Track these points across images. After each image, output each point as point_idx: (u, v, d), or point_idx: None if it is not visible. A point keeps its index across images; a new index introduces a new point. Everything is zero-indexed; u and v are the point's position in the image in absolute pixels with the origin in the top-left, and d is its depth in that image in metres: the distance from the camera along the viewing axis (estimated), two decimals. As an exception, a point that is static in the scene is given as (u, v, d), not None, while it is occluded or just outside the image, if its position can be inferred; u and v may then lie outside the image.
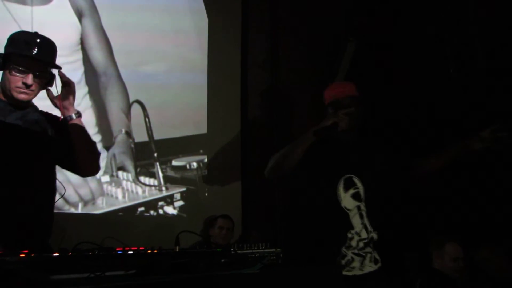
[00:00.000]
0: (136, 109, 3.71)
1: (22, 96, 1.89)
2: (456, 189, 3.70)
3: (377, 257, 2.35)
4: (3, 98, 1.94)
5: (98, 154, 2.13)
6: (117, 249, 1.31)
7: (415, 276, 3.06)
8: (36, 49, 1.87)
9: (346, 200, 2.34)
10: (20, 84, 1.87)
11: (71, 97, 2.01)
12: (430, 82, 3.96)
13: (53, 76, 1.99)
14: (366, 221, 2.35)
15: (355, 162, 2.39)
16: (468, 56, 3.81)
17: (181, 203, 3.72)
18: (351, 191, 2.35)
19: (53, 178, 2.02)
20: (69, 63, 3.42)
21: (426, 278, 2.82)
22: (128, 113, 3.69)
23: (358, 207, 2.35)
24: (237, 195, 3.95)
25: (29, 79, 1.87)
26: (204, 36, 4.08)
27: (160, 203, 3.66)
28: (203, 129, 3.95)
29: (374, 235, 2.36)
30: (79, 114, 2.05)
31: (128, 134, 3.67)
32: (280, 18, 4.38)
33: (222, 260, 1.35)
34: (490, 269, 3.11)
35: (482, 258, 3.19)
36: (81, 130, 2.03)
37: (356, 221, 2.33)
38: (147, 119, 3.72)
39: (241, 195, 3.96)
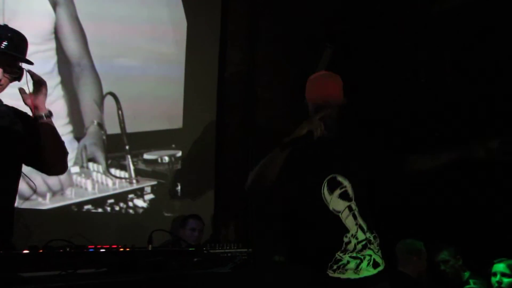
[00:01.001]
0: (109, 101, 3.62)
1: None
2: (420, 191, 3.78)
3: (379, 260, 2.09)
4: None
5: (66, 153, 2.06)
6: (89, 246, 1.28)
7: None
8: (5, 43, 1.79)
9: (334, 201, 2.08)
10: None
11: (42, 96, 1.94)
12: (401, 90, 4.04)
13: (23, 70, 1.90)
14: (360, 221, 2.09)
15: (339, 159, 2.16)
16: (438, 67, 3.92)
17: (151, 196, 3.67)
18: (338, 192, 2.10)
19: (17, 175, 1.93)
20: (41, 51, 3.31)
21: (392, 281, 2.78)
22: (101, 105, 3.60)
23: (350, 207, 2.09)
24: (209, 193, 3.92)
25: None
26: (181, 29, 4.02)
27: (130, 195, 3.60)
28: (176, 123, 3.90)
29: (371, 236, 2.11)
30: (50, 114, 1.98)
31: (100, 125, 3.58)
32: (258, 21, 4.36)
33: (195, 259, 1.34)
34: (448, 270, 3.24)
35: (441, 260, 3.31)
36: (51, 130, 1.96)
37: (350, 222, 2.07)
38: (120, 112, 3.64)
39: (214, 194, 3.91)
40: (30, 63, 1.90)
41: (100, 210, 3.47)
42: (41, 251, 1.27)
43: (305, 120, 2.07)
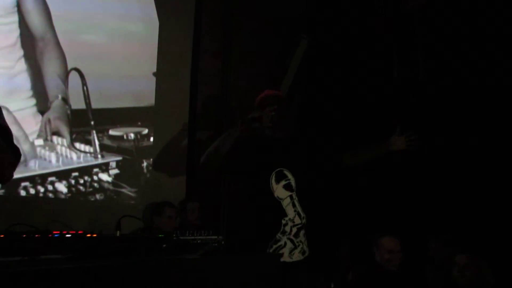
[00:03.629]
0: (74, 77, 3.39)
1: None
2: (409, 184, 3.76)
3: (306, 248, 2.39)
4: None
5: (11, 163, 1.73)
6: (54, 232, 1.17)
7: (347, 267, 3.05)
8: None
9: (278, 190, 2.36)
10: None
11: None
12: (375, 83, 4.00)
13: None
14: (298, 208, 2.38)
15: (284, 156, 2.41)
16: (410, 64, 3.89)
17: (116, 171, 3.51)
18: (283, 182, 2.36)
19: None
20: (3, 24, 3.07)
21: (362, 270, 2.79)
22: (65, 80, 3.38)
23: (291, 197, 2.37)
24: (180, 173, 3.78)
25: None
26: (150, 8, 3.78)
27: (95, 169, 3.43)
28: (142, 101, 3.71)
29: (305, 221, 2.39)
30: None
31: (65, 100, 3.37)
32: (233, 11, 4.16)
33: (164, 246, 1.25)
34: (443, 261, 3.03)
35: (434, 250, 3.19)
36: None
37: (289, 209, 2.35)
38: (85, 87, 3.43)
39: (186, 176, 3.77)
40: None
41: (64, 182, 3.30)
42: (2, 236, 1.14)
43: (257, 107, 2.41)
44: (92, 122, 3.45)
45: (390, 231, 2.87)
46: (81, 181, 3.37)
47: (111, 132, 3.55)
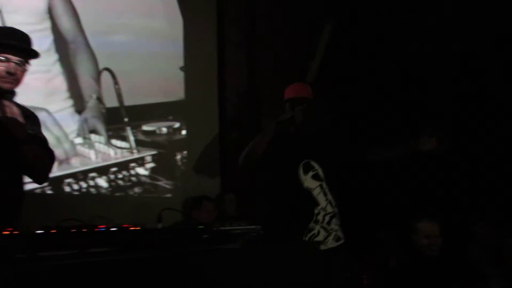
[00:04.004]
0: (106, 76, 3.48)
1: (7, 86, 1.80)
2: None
3: (341, 235, 2.42)
4: None
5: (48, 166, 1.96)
6: (100, 226, 1.22)
7: (390, 253, 2.96)
8: (14, 40, 1.80)
9: (308, 181, 2.41)
10: (3, 73, 1.77)
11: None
12: (405, 64, 3.84)
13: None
14: (330, 197, 2.42)
15: (313, 149, 2.47)
16: (443, 38, 3.69)
17: (152, 165, 3.61)
18: (311, 173, 2.41)
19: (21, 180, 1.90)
20: (38, 31, 3.15)
21: (403, 256, 2.71)
22: (98, 80, 3.47)
23: (321, 186, 2.42)
24: (214, 165, 3.82)
25: (12, 67, 1.78)
26: (173, 6, 3.82)
27: (132, 164, 3.53)
28: (172, 96, 3.77)
29: (336, 210, 2.42)
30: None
31: (99, 99, 3.47)
32: (257, 0, 4.12)
33: (204, 236, 1.28)
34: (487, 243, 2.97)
35: (480, 233, 3.09)
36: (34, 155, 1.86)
37: (320, 198, 2.40)
38: (116, 86, 3.51)
39: (220, 170, 3.81)
40: (38, 56, 1.88)
41: (104, 177, 3.41)
42: (54, 231, 1.20)
43: (288, 108, 2.48)
44: (126, 119, 3.54)
45: (427, 215, 2.75)
46: (120, 176, 3.48)
47: (144, 127, 3.63)
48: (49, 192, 3.16)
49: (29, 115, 1.92)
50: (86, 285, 1.09)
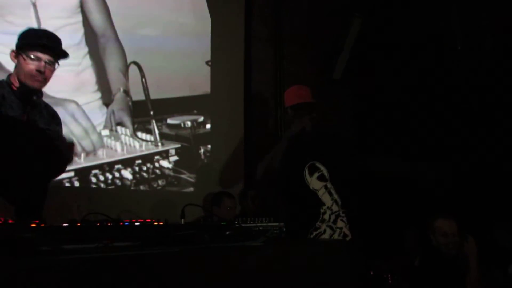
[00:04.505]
0: (133, 70, 3.50)
1: (36, 84, 1.86)
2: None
3: (347, 232, 2.43)
4: (17, 84, 1.88)
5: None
6: (125, 220, 1.21)
7: (414, 253, 2.90)
8: (45, 40, 1.86)
9: (313, 182, 2.46)
10: (34, 72, 1.83)
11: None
12: (436, 59, 3.70)
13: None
14: (336, 196, 2.46)
15: (318, 149, 2.55)
16: (476, 33, 3.53)
17: (175, 158, 3.61)
18: (316, 175, 2.46)
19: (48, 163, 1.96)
20: (70, 24, 3.17)
21: (424, 255, 2.66)
22: (126, 73, 3.49)
23: (325, 186, 2.46)
24: (238, 159, 3.80)
25: (42, 66, 1.83)
26: (201, 1, 3.80)
27: (156, 157, 3.54)
28: (197, 90, 3.76)
29: (342, 209, 2.46)
30: None
31: (126, 92, 3.49)
32: None
33: (227, 233, 1.26)
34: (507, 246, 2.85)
35: (500, 234, 2.97)
36: None
37: (326, 198, 2.44)
38: (143, 79, 3.52)
39: (244, 164, 3.78)
40: (67, 56, 1.93)
41: (129, 169, 3.43)
42: (79, 224, 1.20)
43: (297, 120, 2.56)
44: (152, 112, 3.55)
45: (443, 213, 2.70)
46: (144, 168, 3.49)
47: (169, 121, 3.63)
48: (76, 183, 3.20)
49: (53, 115, 1.98)
50: (108, 278, 1.08)
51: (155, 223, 1.23)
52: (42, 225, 1.14)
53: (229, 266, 1.20)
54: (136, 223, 1.21)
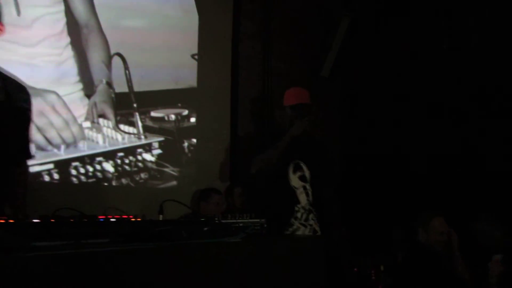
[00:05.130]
0: (117, 62, 3.40)
1: None
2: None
3: (317, 229, 2.48)
4: None
5: None
6: (99, 216, 1.15)
7: (399, 249, 2.93)
8: None
9: (294, 180, 2.51)
10: None
11: None
12: (423, 57, 3.70)
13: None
14: (311, 198, 2.51)
15: (304, 150, 2.64)
16: (462, 32, 3.55)
17: (159, 151, 3.54)
18: (298, 174, 2.52)
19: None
20: (51, 14, 3.03)
21: (410, 251, 2.68)
22: (109, 65, 3.39)
23: (304, 187, 2.50)
24: (225, 156, 3.74)
25: None
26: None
27: (139, 150, 3.46)
28: (182, 84, 3.68)
29: (313, 209, 2.50)
30: None
31: (109, 84, 3.39)
32: None
33: (205, 229, 1.21)
34: (486, 240, 2.83)
35: (479, 230, 2.93)
36: None
37: (302, 198, 2.48)
38: (127, 71, 3.43)
39: (230, 160, 3.71)
40: None
41: (111, 162, 3.35)
42: (52, 220, 1.13)
43: (298, 121, 2.68)
44: (135, 105, 3.46)
45: (438, 211, 2.71)
46: (126, 161, 3.41)
47: (153, 113, 3.55)
48: (56, 175, 3.11)
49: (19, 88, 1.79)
50: (81, 276, 1.02)
51: (132, 219, 1.17)
52: (11, 221, 1.08)
53: (206, 263, 1.16)
54: (112, 219, 1.16)
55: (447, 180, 3.59)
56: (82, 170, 3.23)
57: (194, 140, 3.75)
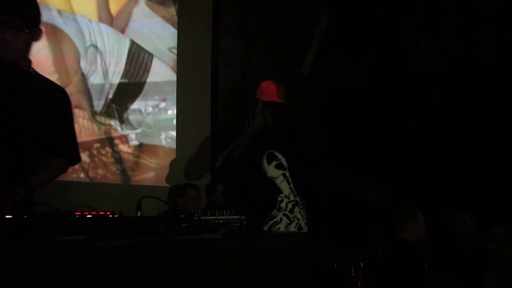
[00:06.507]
0: (92, 53, 3.27)
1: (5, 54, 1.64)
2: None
3: (303, 225, 2.40)
4: None
5: None
6: (76, 213, 1.10)
7: (377, 245, 2.92)
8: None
9: (271, 170, 2.43)
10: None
11: None
12: (400, 55, 3.72)
13: (38, 31, 1.78)
14: (292, 186, 2.43)
15: (277, 140, 2.57)
16: (438, 30, 3.58)
17: (135, 142, 3.45)
18: (274, 163, 2.44)
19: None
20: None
21: (390, 246, 2.69)
22: (85, 56, 3.26)
23: (284, 175, 2.43)
24: (204, 152, 3.67)
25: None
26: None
27: (116, 141, 3.36)
28: (160, 77, 3.58)
29: (298, 198, 2.42)
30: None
31: (85, 75, 3.26)
32: None
33: (183, 225, 1.18)
34: (463, 233, 2.90)
35: (456, 223, 3.01)
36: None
37: (284, 186, 2.41)
38: (103, 63, 3.31)
39: (210, 156, 3.63)
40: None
41: (87, 152, 3.24)
42: (25, 216, 1.08)
43: (260, 116, 2.59)
44: (111, 96, 3.35)
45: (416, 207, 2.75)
46: (103, 152, 3.31)
47: (130, 105, 3.46)
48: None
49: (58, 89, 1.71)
50: (54, 274, 0.97)
51: (109, 215, 1.13)
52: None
53: (183, 260, 1.13)
54: (88, 216, 1.11)
55: (424, 176, 3.65)
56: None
57: (172, 133, 3.67)
